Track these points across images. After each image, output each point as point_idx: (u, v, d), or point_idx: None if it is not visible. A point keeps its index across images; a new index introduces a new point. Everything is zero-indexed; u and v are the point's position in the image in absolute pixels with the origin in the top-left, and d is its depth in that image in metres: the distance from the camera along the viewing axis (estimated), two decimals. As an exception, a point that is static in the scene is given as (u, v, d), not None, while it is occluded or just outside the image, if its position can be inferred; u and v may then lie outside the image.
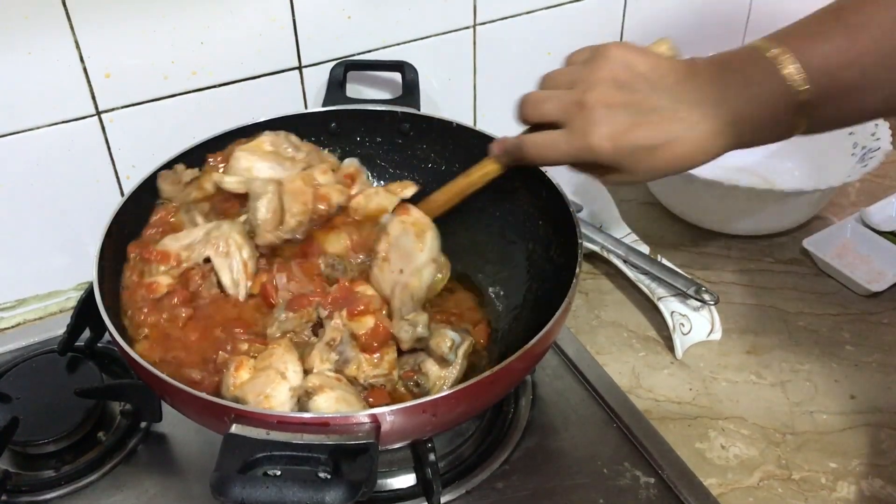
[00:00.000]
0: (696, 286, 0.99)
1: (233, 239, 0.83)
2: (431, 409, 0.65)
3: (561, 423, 0.89)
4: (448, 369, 0.79)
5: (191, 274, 0.83)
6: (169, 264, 0.83)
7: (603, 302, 1.07)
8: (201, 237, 0.84)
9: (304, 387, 0.71)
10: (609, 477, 0.83)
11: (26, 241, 1.00)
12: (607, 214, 1.16)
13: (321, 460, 0.60)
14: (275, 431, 0.62)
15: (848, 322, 1.03)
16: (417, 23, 1.09)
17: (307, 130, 1.00)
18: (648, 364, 0.98)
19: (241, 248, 0.83)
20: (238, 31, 0.99)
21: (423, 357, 0.80)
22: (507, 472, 0.84)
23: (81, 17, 0.90)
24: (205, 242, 0.84)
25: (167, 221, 0.88)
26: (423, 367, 0.80)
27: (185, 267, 0.83)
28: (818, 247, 1.10)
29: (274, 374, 0.72)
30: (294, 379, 0.73)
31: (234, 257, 0.83)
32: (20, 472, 0.85)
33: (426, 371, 0.79)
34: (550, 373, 0.94)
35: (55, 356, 0.91)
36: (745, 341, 1.01)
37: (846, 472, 0.85)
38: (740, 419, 0.91)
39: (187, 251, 0.84)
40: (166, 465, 0.86)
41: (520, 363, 0.69)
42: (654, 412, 0.91)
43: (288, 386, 0.72)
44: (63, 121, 0.95)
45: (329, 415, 0.64)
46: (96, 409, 0.88)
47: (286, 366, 0.73)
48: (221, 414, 0.64)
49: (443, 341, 0.79)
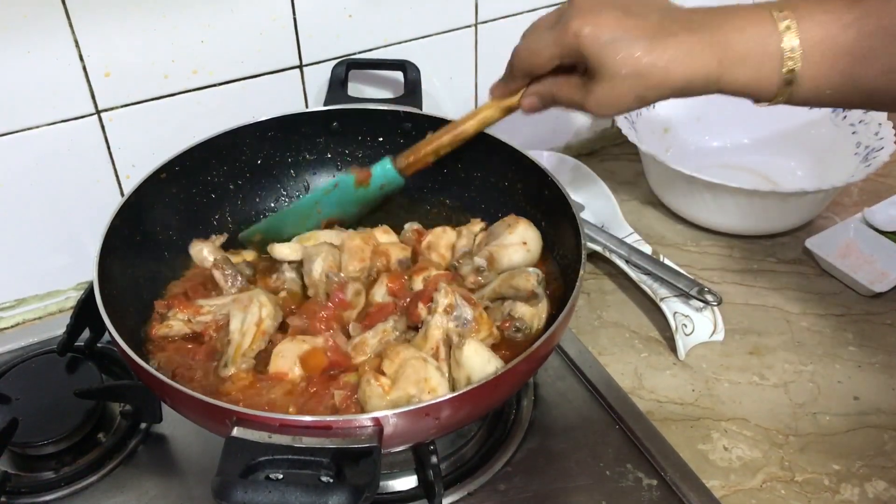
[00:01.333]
0: (699, 287, 0.99)
1: (258, 299, 0.82)
2: (434, 413, 0.65)
3: (563, 425, 0.89)
4: (538, 305, 0.82)
5: (206, 327, 0.83)
6: (187, 312, 0.83)
7: (605, 302, 1.06)
8: (231, 300, 0.85)
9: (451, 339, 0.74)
10: (611, 479, 0.83)
11: (26, 240, 1.00)
12: (609, 214, 1.15)
13: (323, 464, 0.60)
14: (277, 434, 0.61)
15: (851, 323, 1.02)
16: (419, 21, 1.09)
17: (308, 130, 1.00)
18: (651, 365, 0.98)
19: (264, 307, 0.82)
20: (239, 30, 0.98)
21: (511, 304, 0.82)
22: (508, 473, 0.83)
23: (81, 15, 0.89)
24: (232, 302, 0.84)
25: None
26: (514, 313, 0.81)
27: (202, 320, 0.83)
28: (821, 247, 1.10)
29: (417, 362, 0.72)
30: (433, 359, 0.73)
31: (250, 311, 0.81)
32: (20, 474, 0.84)
33: (520, 315, 0.81)
34: (552, 374, 0.94)
35: (55, 356, 0.90)
36: (748, 342, 1.00)
37: (849, 475, 0.84)
38: (743, 420, 0.90)
39: (211, 306, 0.85)
40: (167, 466, 0.86)
41: (524, 366, 0.69)
42: (657, 413, 0.91)
43: (435, 366, 0.73)
44: (62, 120, 0.94)
45: (331, 418, 0.63)
46: (96, 410, 0.87)
47: (419, 353, 0.74)
48: (223, 416, 0.64)
49: (528, 279, 0.80)
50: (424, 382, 0.71)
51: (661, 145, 1.25)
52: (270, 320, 0.81)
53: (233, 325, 0.81)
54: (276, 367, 0.77)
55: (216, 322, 0.83)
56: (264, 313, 0.81)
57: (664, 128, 1.28)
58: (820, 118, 1.23)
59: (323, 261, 0.87)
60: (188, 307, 0.84)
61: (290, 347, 0.78)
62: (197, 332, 0.83)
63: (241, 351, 0.79)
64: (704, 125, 1.29)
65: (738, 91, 0.70)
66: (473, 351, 0.73)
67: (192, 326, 0.83)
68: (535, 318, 0.82)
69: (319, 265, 0.87)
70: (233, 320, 0.82)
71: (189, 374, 0.79)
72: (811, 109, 1.25)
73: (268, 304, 0.82)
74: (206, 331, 0.83)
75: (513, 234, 0.89)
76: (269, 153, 1.00)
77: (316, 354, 0.77)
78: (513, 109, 0.82)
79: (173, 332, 0.83)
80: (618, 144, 1.37)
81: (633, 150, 1.16)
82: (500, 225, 0.91)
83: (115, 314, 0.74)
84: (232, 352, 0.79)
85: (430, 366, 0.73)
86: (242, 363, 0.78)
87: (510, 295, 0.82)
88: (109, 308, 0.73)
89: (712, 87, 0.70)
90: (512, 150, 0.93)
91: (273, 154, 1.00)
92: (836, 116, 1.22)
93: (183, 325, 0.83)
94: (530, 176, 0.92)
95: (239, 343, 0.80)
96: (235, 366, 0.78)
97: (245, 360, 0.79)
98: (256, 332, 0.80)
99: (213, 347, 0.82)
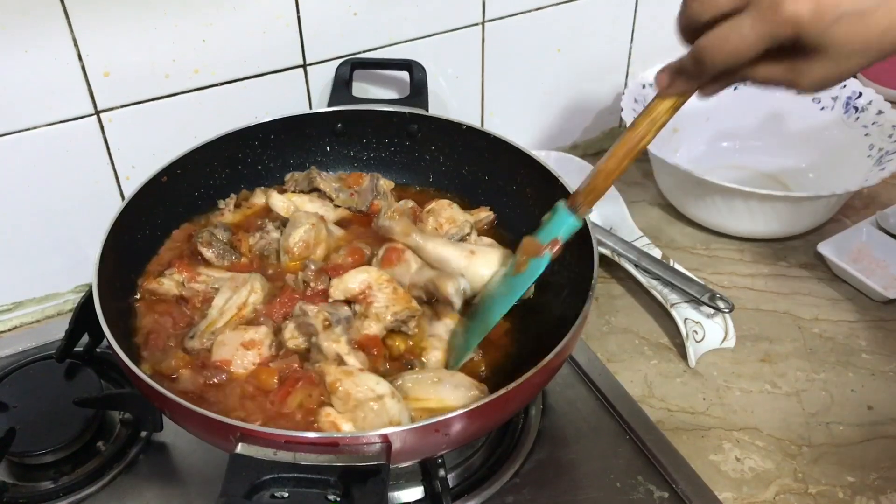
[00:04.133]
0: (711, 293, 0.97)
1: (252, 284, 0.82)
2: (444, 429, 0.63)
3: (572, 435, 0.87)
4: (444, 317, 0.82)
5: (195, 295, 0.83)
6: (183, 275, 0.83)
7: (614, 307, 1.05)
8: (228, 276, 0.84)
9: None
10: (622, 491, 0.81)
11: (23, 242, 0.98)
12: (618, 217, 1.13)
13: (330, 482, 0.58)
14: (282, 451, 0.60)
15: (864, 329, 1.01)
16: (425, 20, 1.07)
17: (313, 131, 0.98)
18: (661, 372, 0.96)
19: (253, 293, 0.81)
20: (241, 29, 0.96)
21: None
22: (517, 485, 0.82)
23: (80, 14, 0.87)
24: (228, 279, 0.84)
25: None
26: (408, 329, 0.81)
27: (194, 287, 0.83)
28: (833, 251, 1.08)
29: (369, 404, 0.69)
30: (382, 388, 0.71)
31: (239, 293, 0.81)
32: (17, 484, 0.83)
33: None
34: (561, 382, 0.92)
35: (53, 363, 0.88)
36: (760, 349, 0.98)
37: (864, 486, 0.83)
38: (755, 430, 0.89)
39: (208, 276, 0.84)
40: (167, 475, 0.85)
41: (537, 378, 0.67)
42: (667, 423, 0.89)
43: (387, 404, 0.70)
44: (61, 120, 0.92)
45: (338, 434, 0.62)
46: (95, 418, 0.86)
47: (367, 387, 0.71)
48: (226, 432, 0.62)
49: (452, 284, 0.80)
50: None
51: (670, 146, 1.23)
52: (253, 307, 0.81)
53: (216, 301, 0.82)
54: (220, 356, 0.77)
55: (205, 293, 0.83)
56: (251, 299, 0.81)
57: (673, 128, 1.26)
58: (832, 119, 1.21)
59: (304, 232, 0.87)
60: (187, 270, 0.84)
61: (231, 336, 0.78)
62: (185, 298, 0.83)
63: (212, 328, 0.79)
64: (714, 126, 1.27)
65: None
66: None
67: (182, 290, 0.83)
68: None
69: (299, 234, 0.86)
70: (218, 296, 0.82)
71: (161, 343, 0.79)
72: (822, 110, 1.23)
73: (259, 291, 0.82)
74: (193, 299, 0.83)
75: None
76: (272, 155, 0.98)
77: (264, 373, 0.76)
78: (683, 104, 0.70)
79: (162, 289, 0.84)
80: (625, 144, 1.35)
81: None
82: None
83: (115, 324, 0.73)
84: (203, 326, 0.79)
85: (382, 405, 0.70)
86: (208, 341, 0.78)
87: (430, 289, 0.82)
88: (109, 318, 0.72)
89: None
90: (520, 153, 0.92)
91: (276, 156, 0.98)
92: (849, 118, 1.20)
93: (173, 286, 0.84)
94: (538, 178, 0.90)
95: (214, 320, 0.80)
96: (201, 341, 0.78)
97: (211, 339, 0.78)
98: (235, 314, 0.80)
99: (193, 318, 0.82)
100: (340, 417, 0.68)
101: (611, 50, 1.25)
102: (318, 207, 0.93)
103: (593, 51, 1.23)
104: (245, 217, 0.94)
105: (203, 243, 0.87)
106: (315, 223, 0.88)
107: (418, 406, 0.72)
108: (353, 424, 0.68)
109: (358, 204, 0.95)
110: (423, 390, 0.73)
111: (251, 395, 0.74)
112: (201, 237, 0.88)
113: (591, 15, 1.18)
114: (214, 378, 0.75)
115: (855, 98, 1.20)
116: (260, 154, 0.97)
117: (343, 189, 0.95)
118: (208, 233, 0.88)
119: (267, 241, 0.89)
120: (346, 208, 0.95)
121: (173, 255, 0.88)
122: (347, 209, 0.95)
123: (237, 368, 0.76)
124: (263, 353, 0.77)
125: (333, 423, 0.68)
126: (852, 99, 1.21)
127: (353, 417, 0.68)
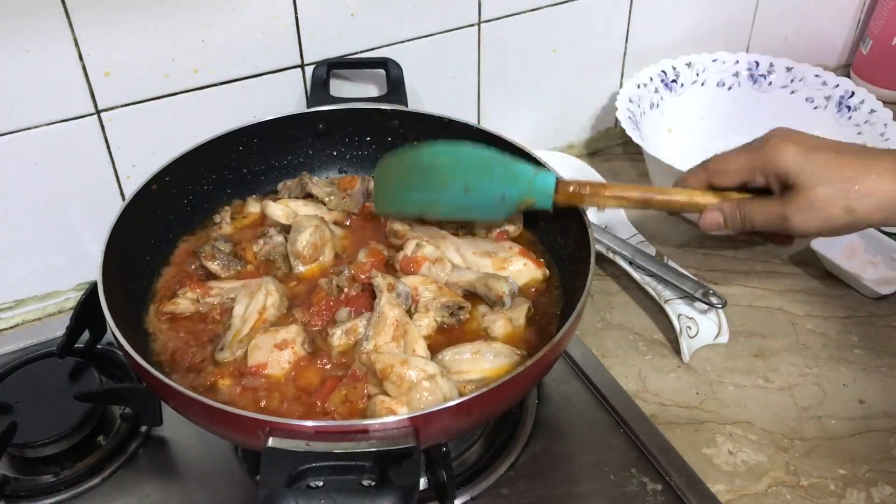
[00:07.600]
0: (704, 289, 0.98)
1: (267, 287, 0.83)
2: (466, 411, 0.65)
3: (567, 428, 0.88)
4: (500, 312, 0.83)
5: (212, 309, 0.84)
6: (197, 292, 0.84)
7: (609, 304, 1.06)
8: (241, 284, 0.85)
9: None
10: (616, 484, 0.82)
11: (24, 240, 0.99)
12: (613, 215, 1.14)
13: (366, 468, 0.59)
14: (314, 441, 0.61)
15: (856, 325, 1.02)
16: (421, 20, 1.08)
17: (295, 133, 0.99)
18: (655, 367, 0.97)
19: (270, 295, 0.82)
20: (240, 29, 0.97)
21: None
22: (512, 478, 0.83)
23: (80, 14, 0.88)
24: (241, 287, 0.84)
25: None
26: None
27: (210, 302, 0.84)
28: (826, 248, 1.09)
29: (423, 384, 0.71)
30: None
31: (256, 298, 0.82)
32: (19, 477, 0.84)
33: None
34: (556, 376, 0.93)
35: (54, 360, 0.89)
36: (753, 344, 0.99)
37: (855, 479, 0.84)
38: (748, 424, 0.90)
39: (221, 288, 0.85)
40: (167, 469, 0.85)
41: (533, 370, 0.69)
42: (661, 417, 0.90)
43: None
44: (61, 119, 0.93)
45: (367, 421, 0.62)
46: (96, 413, 0.87)
47: (418, 366, 0.72)
48: (255, 428, 0.62)
49: (504, 285, 0.83)
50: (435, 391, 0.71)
51: (665, 146, 1.24)
52: (274, 309, 0.82)
53: (236, 311, 0.82)
54: (256, 360, 0.77)
55: (222, 305, 0.84)
56: (269, 302, 0.81)
57: (668, 128, 1.27)
58: (825, 118, 1.22)
59: (310, 235, 0.87)
60: (199, 287, 0.85)
61: (264, 339, 0.78)
62: (202, 313, 0.84)
63: (239, 337, 0.79)
64: (708, 126, 1.28)
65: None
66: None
67: (199, 307, 0.84)
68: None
69: (305, 238, 0.87)
70: (237, 305, 0.82)
71: (188, 360, 0.79)
72: (816, 109, 1.24)
73: (274, 293, 0.82)
74: (210, 312, 0.83)
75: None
76: (255, 160, 0.99)
77: (308, 372, 0.77)
78: (699, 208, 0.82)
79: (180, 309, 0.84)
80: (621, 144, 1.36)
81: (637, 150, 1.15)
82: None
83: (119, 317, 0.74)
84: (230, 337, 0.79)
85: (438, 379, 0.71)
86: (238, 349, 0.78)
87: (481, 292, 0.83)
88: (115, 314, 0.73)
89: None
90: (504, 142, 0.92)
91: (260, 160, 0.99)
92: (842, 117, 1.21)
93: (190, 304, 0.84)
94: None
95: (238, 329, 0.80)
96: (231, 351, 0.78)
97: (241, 347, 0.79)
98: (258, 319, 0.80)
99: (216, 332, 0.82)
100: (395, 402, 0.69)
101: (606, 50, 1.26)
102: (314, 211, 0.94)
103: (589, 51, 1.24)
104: (242, 228, 0.95)
105: (207, 257, 0.88)
106: (318, 224, 0.88)
107: (461, 379, 0.75)
108: (409, 407, 0.69)
109: (351, 207, 0.96)
110: (464, 364, 0.76)
111: (295, 397, 0.74)
112: (204, 251, 0.88)
113: (586, 15, 1.20)
114: (255, 383, 0.75)
115: (847, 97, 1.22)
116: (244, 159, 0.98)
117: (336, 193, 0.96)
118: (210, 246, 0.89)
119: (272, 246, 0.89)
120: (339, 211, 0.96)
121: (181, 277, 0.88)
122: (341, 212, 0.96)
123: (274, 370, 0.76)
124: (298, 352, 0.77)
125: (389, 408, 0.69)
126: (845, 98, 1.22)
127: (408, 400, 0.69)
